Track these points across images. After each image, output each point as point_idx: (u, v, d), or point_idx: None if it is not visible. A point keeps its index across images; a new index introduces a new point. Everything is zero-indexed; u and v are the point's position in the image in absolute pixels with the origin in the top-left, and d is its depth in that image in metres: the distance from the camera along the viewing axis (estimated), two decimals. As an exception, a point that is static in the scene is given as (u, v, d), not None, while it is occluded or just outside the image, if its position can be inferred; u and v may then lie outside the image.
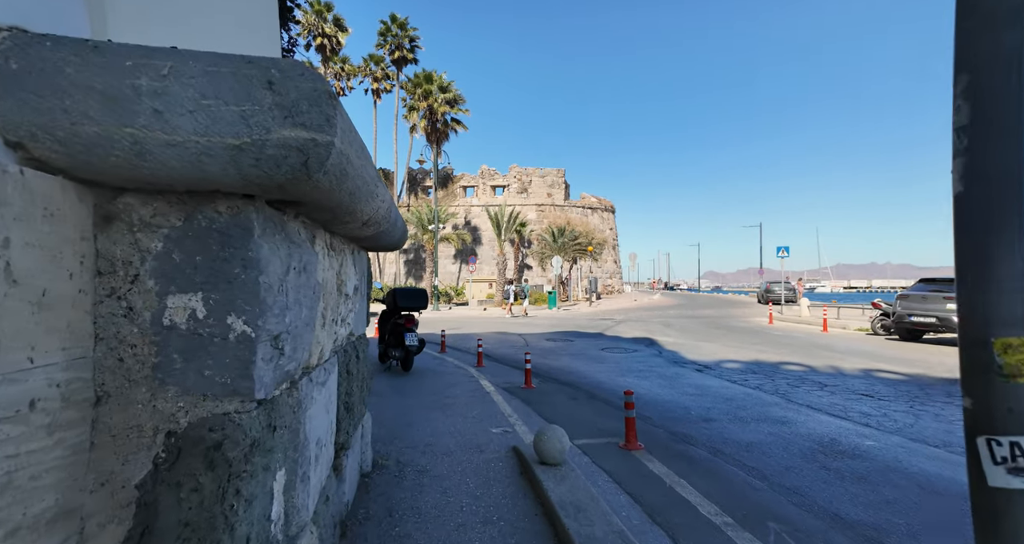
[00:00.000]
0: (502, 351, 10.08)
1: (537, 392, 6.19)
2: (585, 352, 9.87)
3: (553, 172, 44.80)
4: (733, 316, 19.94)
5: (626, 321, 17.57)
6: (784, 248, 20.16)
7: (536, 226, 41.22)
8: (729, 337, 12.41)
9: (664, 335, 12.88)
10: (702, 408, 5.38)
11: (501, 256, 27.83)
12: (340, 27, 35.69)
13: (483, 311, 23.78)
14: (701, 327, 15.20)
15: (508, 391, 6.21)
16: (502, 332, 13.95)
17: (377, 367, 8.01)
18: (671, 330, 14.24)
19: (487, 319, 19.19)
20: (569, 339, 12.16)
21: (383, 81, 42.15)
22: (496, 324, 16.66)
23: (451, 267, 42.69)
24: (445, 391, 6.19)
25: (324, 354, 2.06)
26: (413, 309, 7.71)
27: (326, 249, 2.04)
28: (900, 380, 6.86)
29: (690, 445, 4.16)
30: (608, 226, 47.80)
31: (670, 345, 10.86)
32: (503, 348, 10.53)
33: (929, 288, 10.80)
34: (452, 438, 4.32)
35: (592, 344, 11.10)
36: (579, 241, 32.38)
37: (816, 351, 9.78)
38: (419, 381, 6.82)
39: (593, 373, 7.53)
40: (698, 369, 7.90)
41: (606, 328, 15.01)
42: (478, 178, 44.81)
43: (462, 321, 18.04)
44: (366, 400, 3.46)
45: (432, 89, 32.33)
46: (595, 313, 22.57)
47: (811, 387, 6.44)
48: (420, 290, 7.85)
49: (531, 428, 4.58)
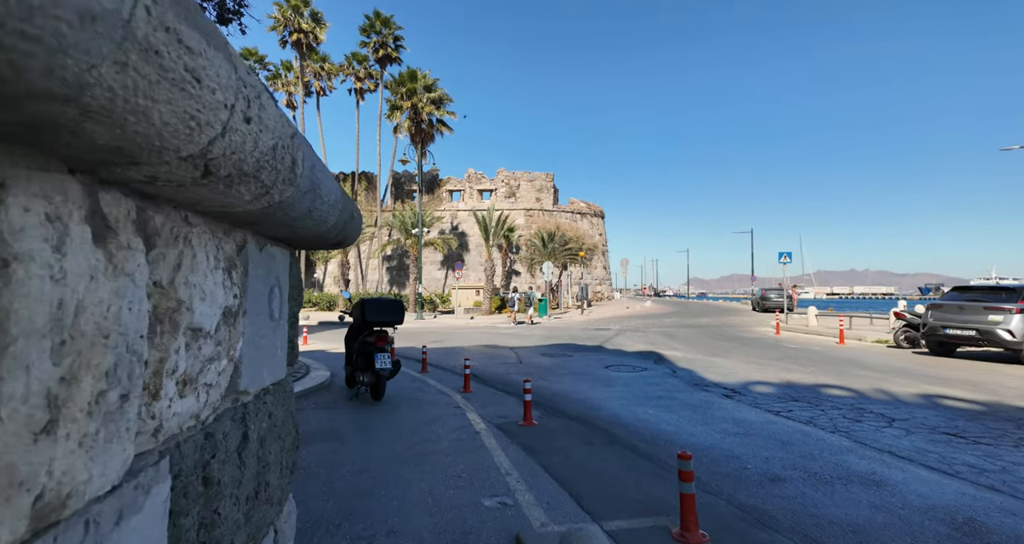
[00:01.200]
0: (492, 370, 8.76)
1: (541, 432, 4.88)
2: (589, 371, 8.59)
3: (542, 176, 43.77)
4: (734, 325, 18.88)
5: (624, 331, 16.36)
6: (787, 253, 19.23)
7: (524, 231, 40.03)
8: (742, 351, 11.25)
9: (670, 348, 11.68)
10: (759, 458, 4.12)
11: (489, 261, 26.51)
12: (318, 22, 34.26)
13: (470, 320, 22.40)
14: (706, 338, 14.06)
15: (503, 430, 4.90)
16: (491, 345, 12.62)
17: (344, 394, 6.63)
18: (675, 342, 13.06)
19: (475, 329, 17.83)
20: (567, 353, 10.89)
21: (366, 80, 40.76)
22: (485, 335, 15.32)
23: (437, 274, 41.23)
24: (423, 430, 4.86)
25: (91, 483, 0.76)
26: (386, 324, 6.36)
27: (110, 229, 0.76)
28: (977, 410, 5.70)
29: (773, 531, 2.88)
30: (598, 231, 46.87)
31: (682, 362, 9.64)
32: (493, 366, 9.21)
33: (965, 298, 9.77)
34: (427, 516, 3.01)
35: (594, 360, 9.83)
36: (570, 246, 31.23)
37: (849, 369, 8.64)
38: (391, 414, 5.47)
39: (604, 401, 6.25)
40: (725, 394, 6.67)
41: (605, 340, 13.77)
42: (465, 182, 43.58)
43: (447, 332, 16.66)
44: (286, 490, 2.10)
45: (417, 87, 31.02)
46: (588, 322, 21.35)
47: (876, 422, 5.24)
48: (394, 301, 6.50)
49: (539, 497, 3.28)
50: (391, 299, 6.53)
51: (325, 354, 10.53)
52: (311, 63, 40.49)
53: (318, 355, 10.40)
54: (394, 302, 6.46)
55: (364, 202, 42.45)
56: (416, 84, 31.11)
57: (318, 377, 7.35)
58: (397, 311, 6.38)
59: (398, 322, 6.39)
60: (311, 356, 10.08)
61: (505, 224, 28.38)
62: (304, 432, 4.69)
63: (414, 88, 31.09)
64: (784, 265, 19.30)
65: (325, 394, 6.68)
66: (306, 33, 34.03)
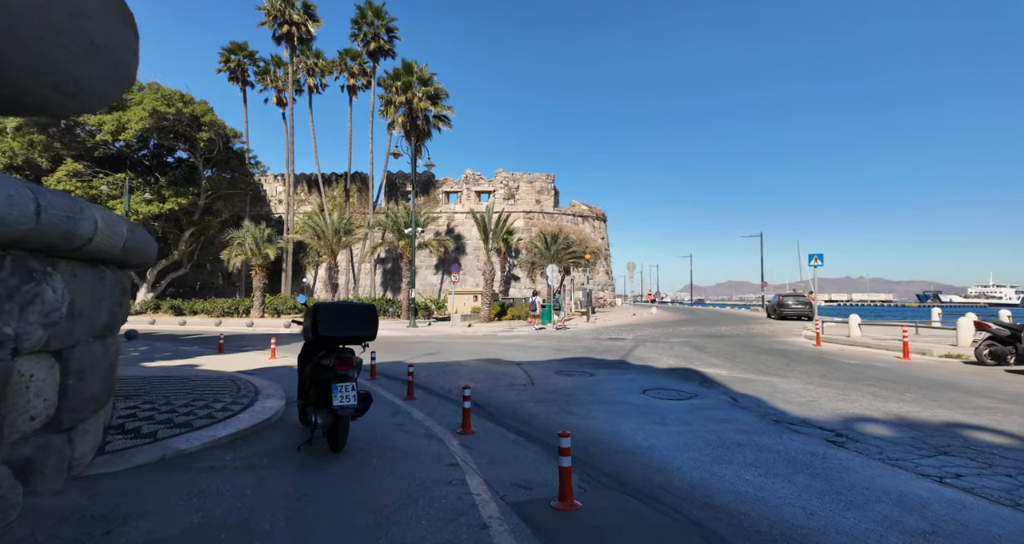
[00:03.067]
0: (499, 396, 6.81)
1: (592, 524, 2.94)
2: (623, 397, 6.65)
3: (542, 177, 42.03)
4: (761, 334, 16.96)
5: (642, 342, 14.43)
6: (818, 256, 17.41)
7: (524, 235, 38.13)
8: (796, 369, 9.35)
9: (708, 365, 9.76)
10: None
11: (488, 264, 24.57)
12: (310, 15, 32.54)
13: (468, 328, 20.43)
14: (740, 350, 12.15)
15: (530, 521, 2.95)
16: (494, 359, 10.66)
17: (295, 435, 4.67)
18: (709, 356, 11.14)
19: (473, 339, 15.86)
20: (587, 371, 8.95)
21: (359, 77, 39.00)
22: (485, 346, 13.36)
23: (432, 278, 39.26)
24: (395, 517, 2.91)
25: None
26: (351, 340, 4.42)
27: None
28: None
29: None
30: (600, 235, 45.08)
31: (734, 384, 7.72)
32: (499, 389, 7.26)
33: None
34: None
35: (624, 381, 7.90)
36: (573, 249, 29.34)
37: (958, 396, 6.74)
38: (349, 484, 3.51)
39: (668, 454, 4.30)
40: (829, 439, 4.75)
41: (625, 353, 11.84)
42: (462, 183, 41.75)
43: (442, 342, 14.69)
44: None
45: (412, 81, 29.24)
46: (598, 330, 19.41)
47: (1115, 498, 3.33)
48: (364, 307, 4.55)
49: None
50: (359, 305, 4.58)
51: (293, 372, 8.54)
52: (304, 59, 38.71)
53: (283, 374, 8.43)
54: (362, 309, 4.50)
55: (357, 204, 40.52)
56: (411, 77, 29.34)
57: (262, 411, 5.36)
58: (366, 322, 4.42)
59: (367, 337, 4.45)
60: (271, 375, 8.11)
61: (506, 225, 26.48)
62: (191, 527, 2.74)
63: (409, 82, 29.31)
64: (815, 268, 17.46)
65: (269, 436, 4.71)
66: (297, 25, 32.28)
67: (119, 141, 33.16)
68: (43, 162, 31.80)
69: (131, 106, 31.18)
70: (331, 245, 26.67)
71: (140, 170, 35.52)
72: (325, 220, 26.93)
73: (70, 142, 32.14)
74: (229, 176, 37.75)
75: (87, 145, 32.06)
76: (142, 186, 32.36)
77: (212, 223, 34.88)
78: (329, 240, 26.52)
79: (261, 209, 41.87)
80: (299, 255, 38.21)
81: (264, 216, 40.63)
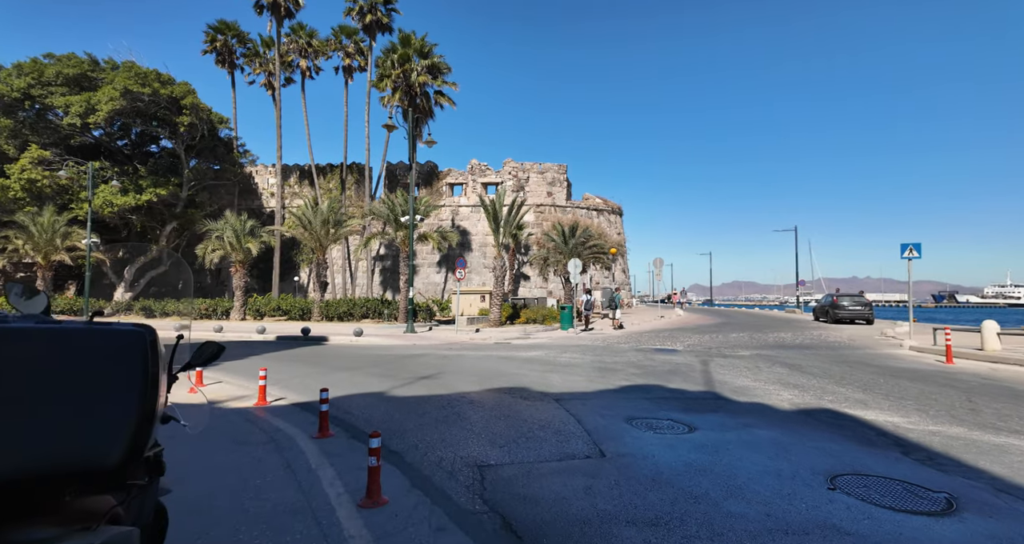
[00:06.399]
0: (550, 490, 3.43)
1: None
2: (812, 509, 3.28)
3: (554, 167, 38.60)
4: (841, 344, 13.47)
5: (704, 356, 11.01)
6: (914, 246, 13.94)
7: (535, 229, 34.72)
8: (1000, 410, 5.94)
9: (854, 404, 6.35)
10: None
11: (499, 260, 21.20)
12: (300, -19, 29.29)
13: (475, 333, 17.07)
14: (857, 372, 8.73)
15: None
16: (518, 389, 7.29)
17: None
18: (826, 382, 7.75)
19: (483, 349, 12.49)
20: (678, 420, 5.56)
21: (355, 56, 35.76)
22: (499, 362, 10.00)
23: (435, 277, 35.97)
24: None
25: None
26: None
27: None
28: None
29: None
30: (616, 231, 41.57)
31: (955, 450, 4.32)
32: (544, 469, 3.88)
33: None
34: None
35: (766, 449, 4.51)
36: (594, 243, 25.87)
37: None
38: None
39: None
40: None
41: (701, 377, 8.44)
42: (467, 174, 38.38)
43: (444, 355, 11.33)
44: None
45: (410, 53, 25.94)
46: (630, 337, 15.99)
47: None
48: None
49: None
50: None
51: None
52: (296, 38, 35.54)
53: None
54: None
55: (355, 197, 37.29)
56: (409, 49, 26.03)
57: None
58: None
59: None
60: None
61: (519, 215, 23.10)
62: None
63: (407, 54, 26.00)
64: (909, 261, 14.02)
65: None
66: (283, -7, 29.04)
67: (97, 128, 30.10)
68: (10, 150, 28.73)
69: (102, 86, 28.11)
70: (319, 238, 23.41)
71: (119, 159, 32.44)
72: (311, 210, 23.66)
73: (42, 129, 29.11)
74: (216, 166, 34.65)
75: (61, 132, 29.02)
76: (118, 176, 29.30)
77: (196, 216, 31.66)
78: (316, 232, 23.26)
79: (252, 202, 38.72)
80: (292, 251, 35.01)
81: (255, 210, 37.47)
